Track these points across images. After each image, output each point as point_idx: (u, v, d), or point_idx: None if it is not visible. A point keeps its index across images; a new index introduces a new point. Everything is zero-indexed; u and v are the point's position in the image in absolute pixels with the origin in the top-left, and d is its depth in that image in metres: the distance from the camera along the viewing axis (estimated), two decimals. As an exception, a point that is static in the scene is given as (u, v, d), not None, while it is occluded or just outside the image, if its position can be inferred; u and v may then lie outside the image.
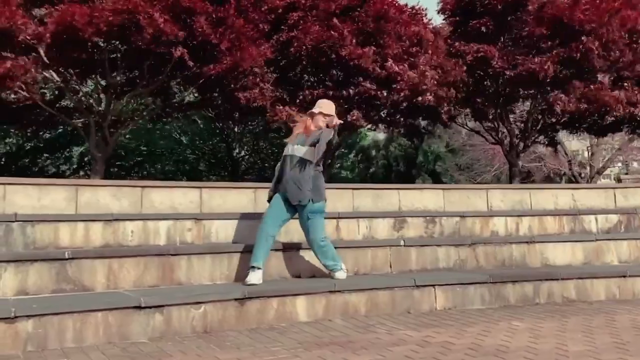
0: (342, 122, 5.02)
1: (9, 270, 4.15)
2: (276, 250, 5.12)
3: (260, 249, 4.66)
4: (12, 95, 9.71)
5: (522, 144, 11.60)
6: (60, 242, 4.91)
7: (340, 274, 4.87)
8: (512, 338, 3.70)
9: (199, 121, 15.47)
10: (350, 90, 9.07)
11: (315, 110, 5.02)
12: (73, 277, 4.35)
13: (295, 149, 4.89)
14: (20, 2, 7.37)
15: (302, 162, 4.82)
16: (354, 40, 8.69)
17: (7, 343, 3.42)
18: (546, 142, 12.73)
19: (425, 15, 10.20)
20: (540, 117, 11.48)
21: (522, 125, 11.79)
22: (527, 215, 6.93)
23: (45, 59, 7.84)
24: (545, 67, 9.73)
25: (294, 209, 4.85)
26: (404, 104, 9.62)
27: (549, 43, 10.19)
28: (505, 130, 11.76)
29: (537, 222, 6.88)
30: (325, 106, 5.07)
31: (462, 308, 4.86)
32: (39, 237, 4.84)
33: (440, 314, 4.60)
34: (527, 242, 6.22)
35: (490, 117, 11.63)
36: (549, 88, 10.56)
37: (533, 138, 11.85)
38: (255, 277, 4.54)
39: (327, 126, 4.84)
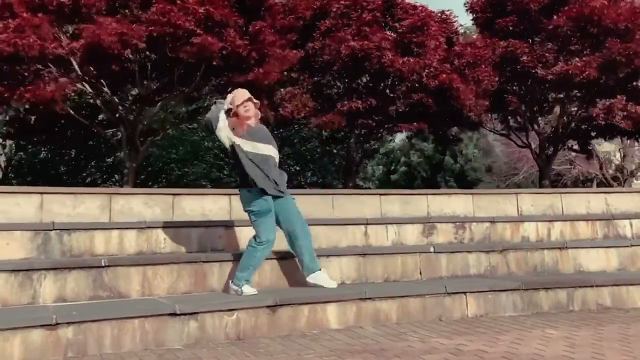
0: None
1: (49, 277, 4.27)
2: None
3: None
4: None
5: (552, 148, 11.42)
6: (96, 249, 5.04)
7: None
8: (547, 346, 3.66)
9: None
10: (397, 102, 9.09)
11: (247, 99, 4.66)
12: (109, 284, 4.45)
13: (262, 147, 4.63)
14: (52, 19, 7.57)
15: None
16: (391, 50, 8.70)
17: (49, 349, 3.52)
18: (578, 148, 12.50)
19: (456, 21, 10.22)
20: (572, 121, 11.29)
21: (552, 129, 11.61)
22: (559, 220, 6.84)
23: (78, 71, 8.06)
24: (586, 71, 9.55)
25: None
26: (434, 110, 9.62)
27: (582, 45, 10.03)
28: (534, 134, 11.60)
29: (569, 227, 6.79)
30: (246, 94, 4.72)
31: (494, 315, 4.82)
32: (76, 245, 4.97)
33: (472, 322, 4.57)
34: (559, 248, 6.12)
35: (519, 120, 11.51)
36: (583, 93, 10.39)
37: (562, 144, 11.65)
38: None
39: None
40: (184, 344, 3.88)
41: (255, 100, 4.80)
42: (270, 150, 4.70)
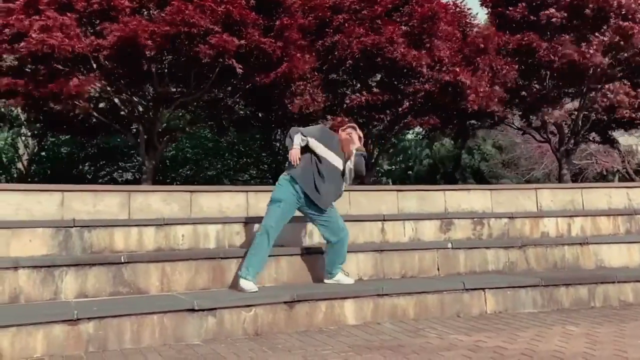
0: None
1: (70, 273, 4.33)
2: (323, 253, 5.16)
3: None
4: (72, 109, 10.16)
5: (572, 142, 11.25)
6: (116, 246, 5.10)
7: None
8: (568, 343, 3.61)
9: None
10: (410, 97, 8.97)
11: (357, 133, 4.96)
12: (129, 280, 4.51)
13: (340, 163, 4.88)
14: (78, 19, 7.68)
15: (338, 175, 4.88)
16: (403, 42, 8.59)
17: (70, 344, 3.58)
18: (599, 140, 12.30)
19: (470, 14, 10.07)
20: (592, 113, 11.11)
21: (572, 122, 11.42)
22: (580, 215, 6.74)
23: (100, 69, 8.17)
24: (588, 55, 9.36)
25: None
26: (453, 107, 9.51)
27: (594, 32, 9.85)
28: (554, 128, 11.44)
29: (590, 222, 6.69)
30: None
31: (513, 312, 4.77)
32: (96, 241, 5.04)
33: (490, 318, 4.53)
34: (580, 244, 6.05)
35: (539, 114, 11.34)
36: (599, 85, 10.22)
37: (582, 135, 11.46)
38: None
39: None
40: (202, 339, 3.92)
41: (360, 136, 4.99)
42: (337, 162, 4.84)
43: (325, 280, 4.90)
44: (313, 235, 5.64)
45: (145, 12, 7.83)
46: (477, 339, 3.79)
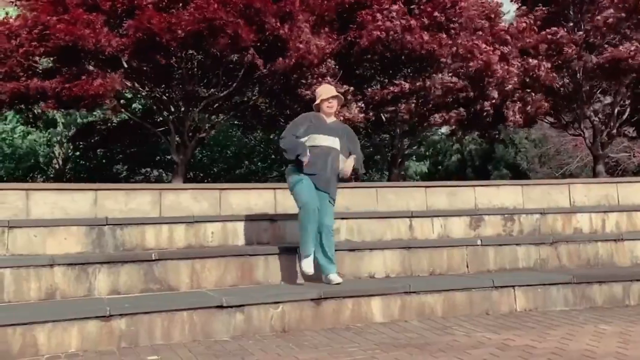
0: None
1: (103, 271, 4.45)
2: (350, 250, 5.18)
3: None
4: (100, 112, 10.45)
5: (606, 136, 10.94)
6: (147, 243, 5.22)
7: (336, 278, 4.67)
8: (599, 342, 3.54)
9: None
10: (434, 89, 8.82)
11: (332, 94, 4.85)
12: (159, 278, 4.60)
13: (334, 141, 4.78)
14: (104, 19, 7.85)
15: (339, 156, 4.80)
16: (421, 31, 8.43)
17: (104, 340, 3.68)
18: (635, 135, 11.92)
19: (498, 3, 9.86)
20: (627, 107, 10.78)
21: (605, 117, 11.09)
22: (615, 211, 6.59)
23: (126, 68, 8.34)
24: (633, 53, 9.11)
25: None
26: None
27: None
28: (588, 121, 11.14)
29: (626, 218, 6.55)
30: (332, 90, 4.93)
31: (543, 309, 4.69)
32: (128, 239, 5.17)
33: (520, 316, 4.47)
34: (614, 240, 5.90)
35: (570, 111, 11.08)
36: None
37: (617, 129, 11.12)
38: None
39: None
40: (230, 335, 3.98)
41: (340, 97, 4.94)
42: (330, 141, 4.75)
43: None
44: (340, 234, 5.65)
45: (173, 9, 7.92)
46: (505, 337, 3.75)
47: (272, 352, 3.55)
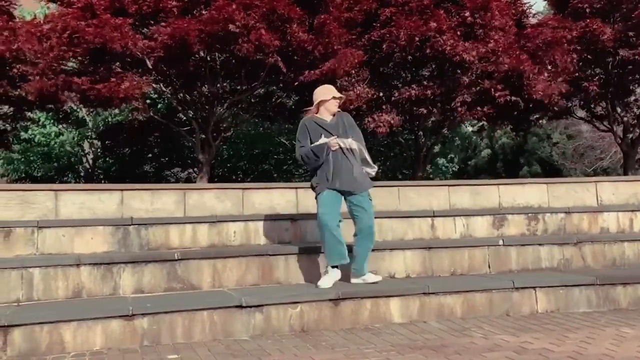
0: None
1: (127, 270, 4.58)
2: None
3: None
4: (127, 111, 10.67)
5: (637, 131, 10.67)
6: (171, 243, 5.34)
7: (371, 276, 4.69)
8: (619, 347, 3.48)
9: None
10: (463, 90, 8.77)
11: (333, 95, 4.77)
12: (182, 277, 4.71)
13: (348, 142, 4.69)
14: (131, 22, 8.03)
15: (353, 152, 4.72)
16: (453, 34, 8.36)
17: (127, 338, 3.80)
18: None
19: (527, 2, 9.74)
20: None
21: (638, 112, 10.81)
22: (643, 210, 6.43)
23: (153, 71, 8.51)
24: None
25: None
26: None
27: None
28: (618, 116, 10.88)
29: (656, 217, 6.38)
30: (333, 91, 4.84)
31: (565, 311, 4.63)
32: (152, 238, 5.29)
33: (541, 318, 4.43)
34: (642, 240, 5.77)
35: (603, 104, 10.82)
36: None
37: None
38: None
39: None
40: (250, 335, 4.05)
41: (341, 96, 4.90)
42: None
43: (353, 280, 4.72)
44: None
45: (196, 11, 8.05)
46: (523, 339, 3.72)
47: (289, 353, 3.60)
